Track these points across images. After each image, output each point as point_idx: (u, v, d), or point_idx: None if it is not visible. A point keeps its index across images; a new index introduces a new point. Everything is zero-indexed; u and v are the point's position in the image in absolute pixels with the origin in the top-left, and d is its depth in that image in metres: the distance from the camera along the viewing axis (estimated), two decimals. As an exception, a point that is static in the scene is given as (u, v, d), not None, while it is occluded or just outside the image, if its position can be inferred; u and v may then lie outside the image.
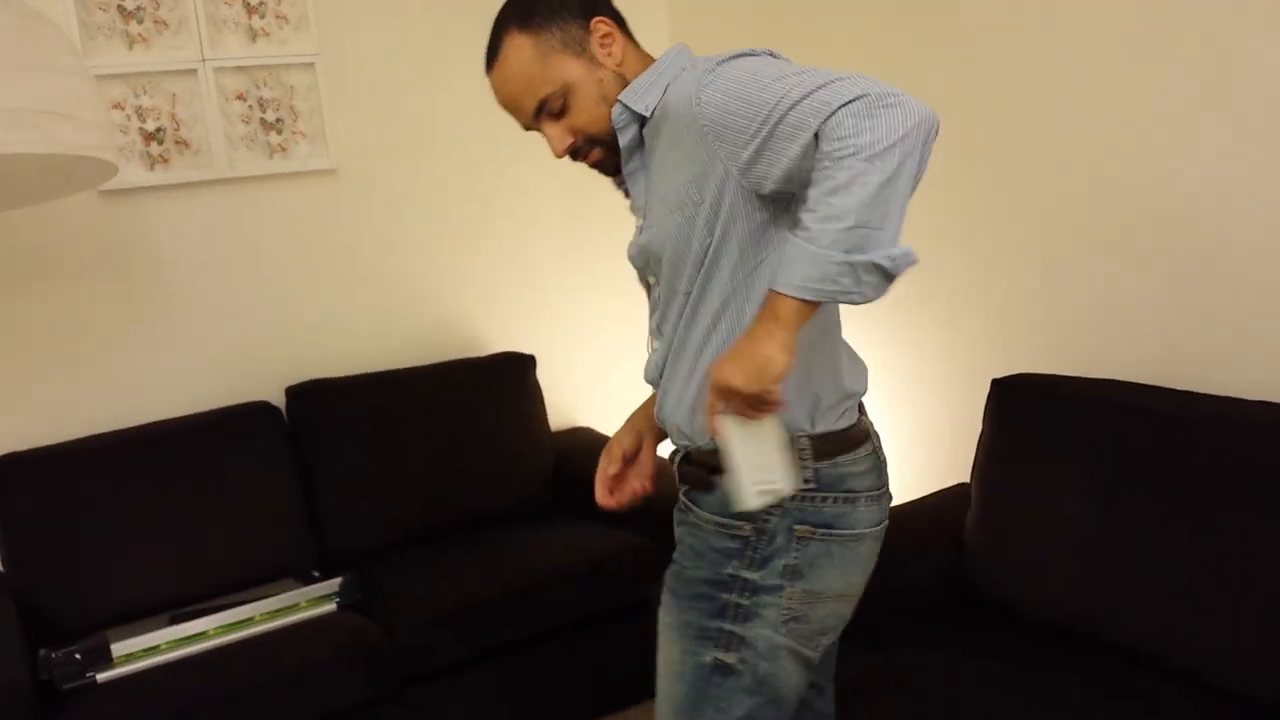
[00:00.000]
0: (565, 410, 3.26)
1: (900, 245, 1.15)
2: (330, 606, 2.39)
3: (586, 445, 3.01)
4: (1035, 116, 2.24)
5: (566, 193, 3.18)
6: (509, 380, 2.95)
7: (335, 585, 2.41)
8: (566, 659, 2.54)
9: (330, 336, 2.94)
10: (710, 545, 1.37)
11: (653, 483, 1.56)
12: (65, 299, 2.61)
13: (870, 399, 2.65)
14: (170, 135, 2.68)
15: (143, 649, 2.20)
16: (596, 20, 1.35)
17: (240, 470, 2.58)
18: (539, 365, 3.03)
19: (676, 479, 1.47)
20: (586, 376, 3.29)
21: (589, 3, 1.36)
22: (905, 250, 1.15)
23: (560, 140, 1.37)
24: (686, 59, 1.37)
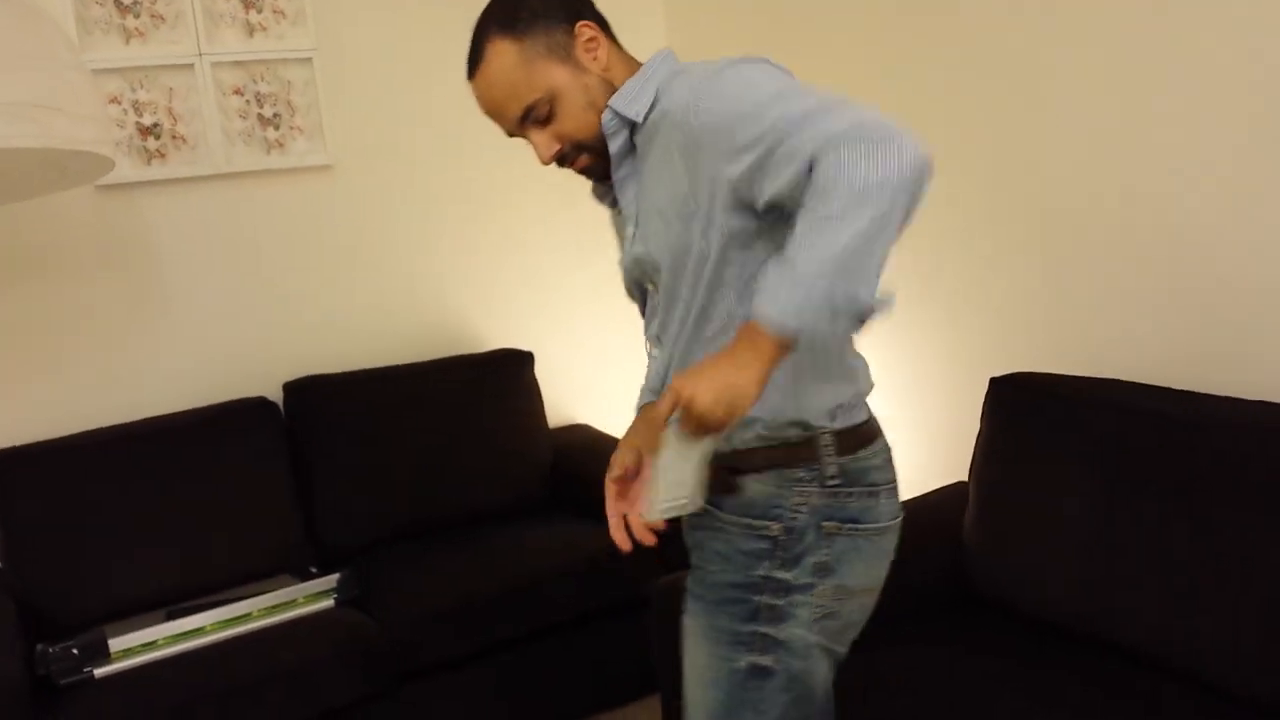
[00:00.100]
0: (563, 407, 3.25)
1: (882, 289, 1.14)
2: (328, 602, 2.38)
3: (584, 442, 3.01)
4: (1035, 116, 2.23)
5: (565, 189, 3.18)
6: (507, 377, 2.95)
7: (333, 581, 2.40)
8: (564, 656, 2.54)
9: (328, 332, 2.94)
10: (738, 548, 1.35)
11: None
12: (61, 294, 2.61)
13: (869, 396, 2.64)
14: (167, 130, 2.67)
15: (140, 644, 2.20)
16: (581, 24, 1.33)
17: (237, 466, 2.58)
18: (537, 362, 3.02)
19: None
20: (584, 373, 3.29)
21: (573, 7, 1.34)
22: (887, 296, 1.14)
23: (547, 147, 1.36)
24: (674, 63, 1.36)
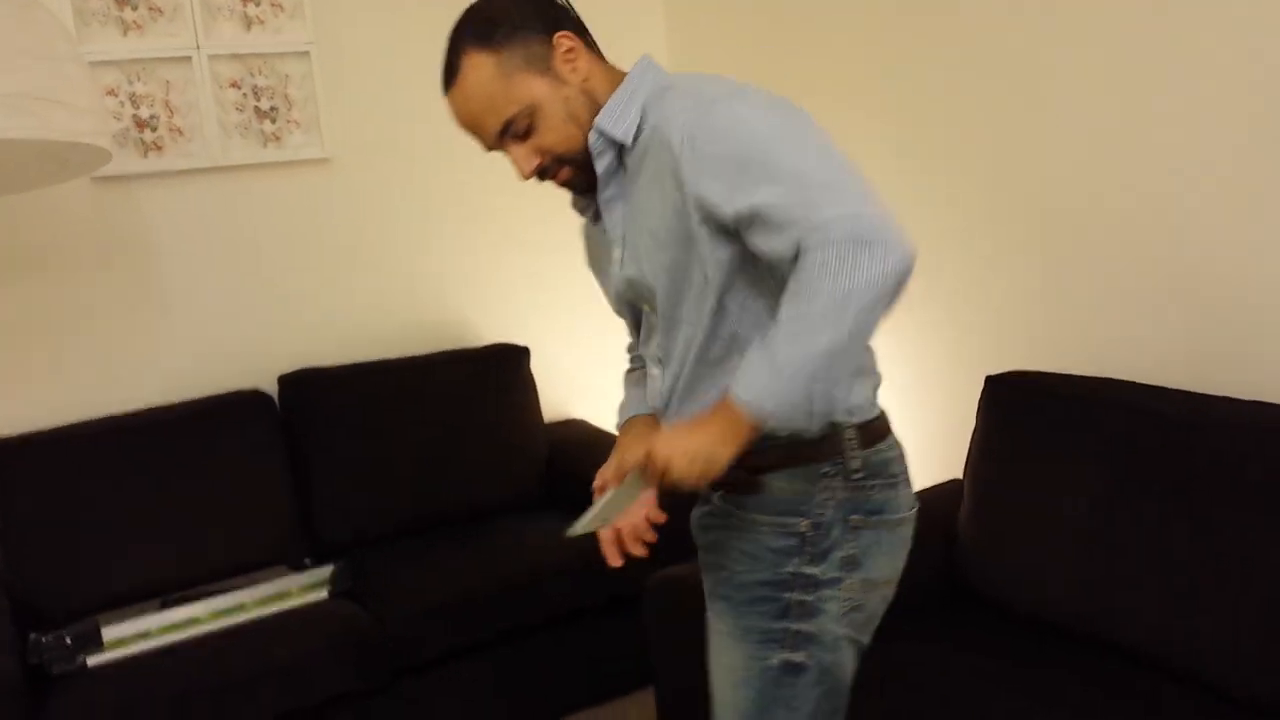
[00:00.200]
0: (559, 403, 3.25)
1: (854, 390, 1.21)
2: (322, 594, 2.39)
3: (580, 438, 3.01)
4: (1035, 116, 2.23)
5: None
6: (502, 372, 2.95)
7: (327, 573, 2.41)
8: (559, 650, 2.55)
9: (323, 326, 2.94)
10: (766, 546, 1.35)
11: (659, 509, 1.50)
12: (56, 286, 2.61)
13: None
14: (164, 123, 2.67)
15: (134, 633, 2.20)
16: (559, 35, 1.30)
17: (232, 458, 2.58)
18: (533, 357, 3.03)
19: (708, 486, 1.40)
20: (580, 369, 3.29)
21: (551, 17, 1.31)
22: (856, 399, 1.21)
23: (527, 161, 1.33)
24: (657, 74, 1.33)
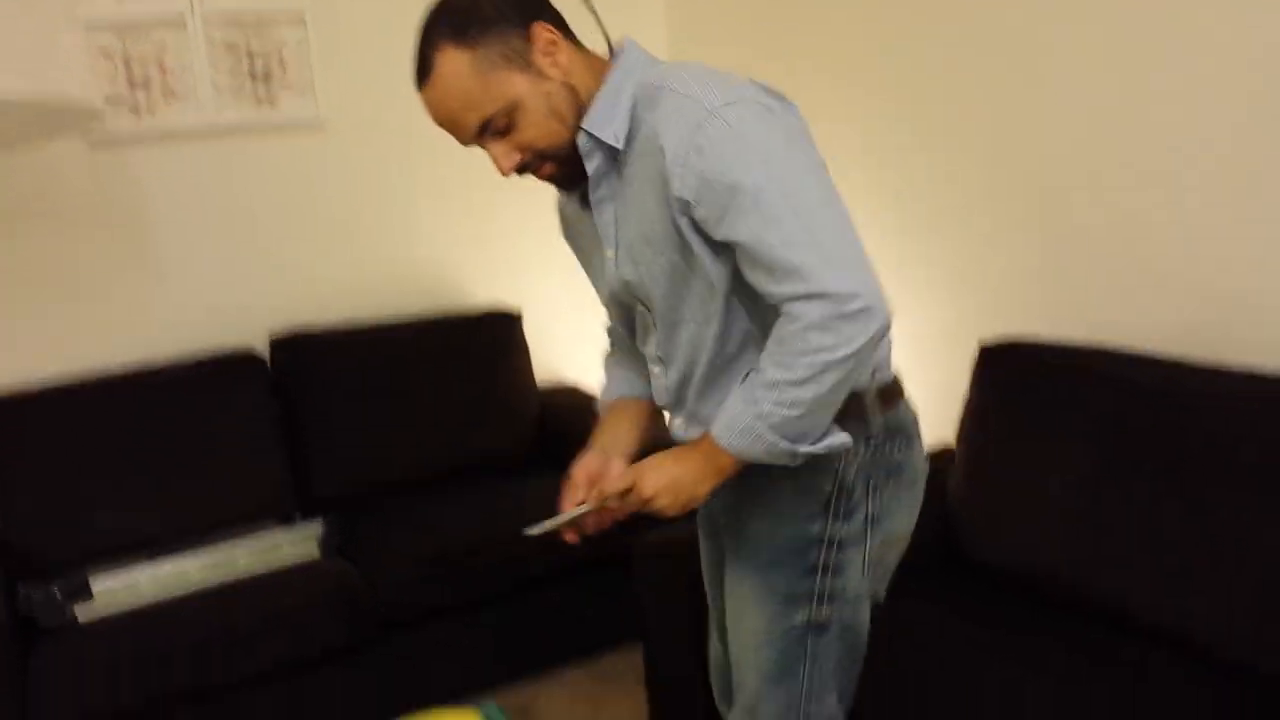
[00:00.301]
0: (552, 366, 3.27)
1: (831, 436, 1.25)
2: (312, 550, 2.41)
3: (573, 401, 3.03)
4: (1034, 93, 2.22)
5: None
6: (496, 335, 2.97)
7: (317, 528, 2.43)
8: (548, 606, 2.58)
9: (316, 287, 2.95)
10: (789, 507, 1.36)
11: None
12: (51, 245, 2.62)
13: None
14: (158, 84, 2.67)
15: (124, 586, 2.22)
16: (537, 26, 1.24)
17: (223, 417, 2.59)
18: (526, 321, 3.04)
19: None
20: (574, 333, 3.30)
21: (528, 7, 1.25)
22: (839, 440, 1.25)
23: (507, 159, 1.28)
24: (645, 68, 1.29)
